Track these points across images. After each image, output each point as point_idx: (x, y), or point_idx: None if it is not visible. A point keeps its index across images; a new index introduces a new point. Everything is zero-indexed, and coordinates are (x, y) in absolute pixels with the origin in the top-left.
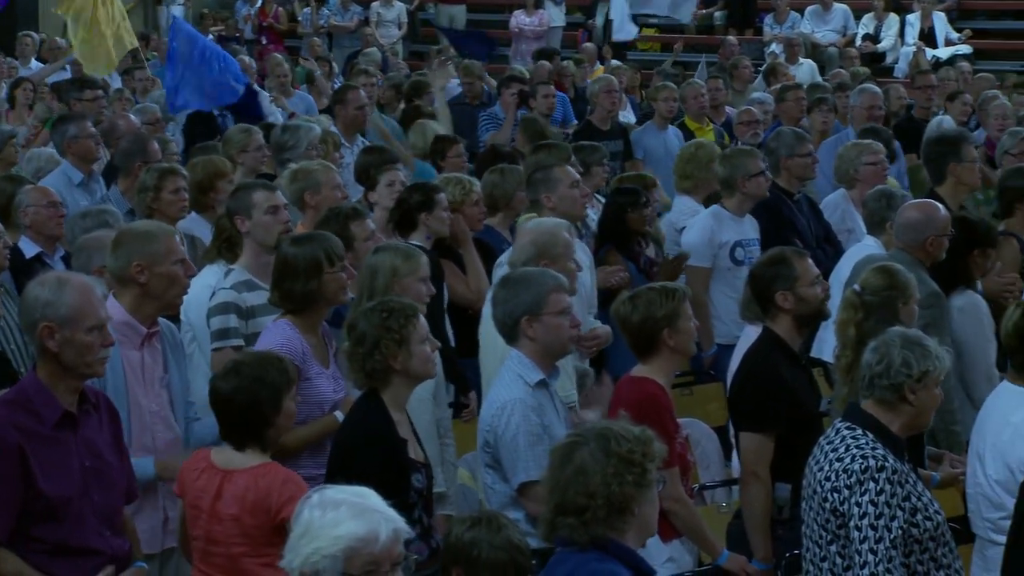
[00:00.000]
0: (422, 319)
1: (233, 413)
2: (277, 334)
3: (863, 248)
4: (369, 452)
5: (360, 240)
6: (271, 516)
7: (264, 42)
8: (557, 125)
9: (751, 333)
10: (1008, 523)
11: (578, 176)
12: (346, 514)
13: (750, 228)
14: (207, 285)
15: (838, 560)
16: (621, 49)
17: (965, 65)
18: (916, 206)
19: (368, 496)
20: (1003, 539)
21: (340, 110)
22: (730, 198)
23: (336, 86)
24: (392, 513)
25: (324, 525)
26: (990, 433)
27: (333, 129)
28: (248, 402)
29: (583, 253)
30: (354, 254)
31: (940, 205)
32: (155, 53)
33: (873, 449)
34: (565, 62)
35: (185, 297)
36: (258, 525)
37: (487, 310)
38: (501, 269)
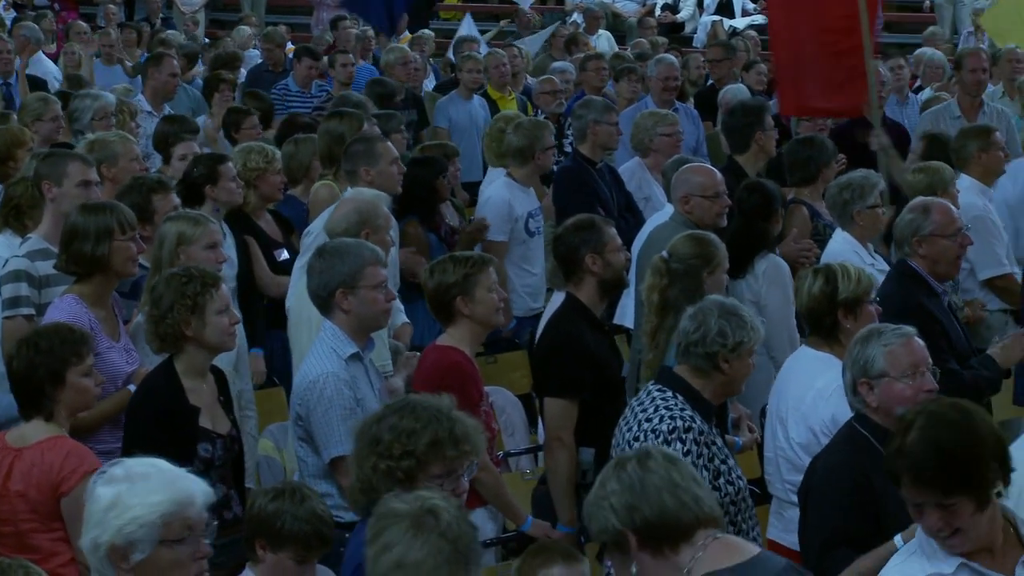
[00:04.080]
0: (223, 290)
1: (14, 380)
2: (63, 310)
3: (662, 216)
4: (155, 419)
5: (162, 214)
6: (55, 489)
7: (57, 8)
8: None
9: (559, 301)
10: None
11: (397, 153)
12: (158, 482)
13: (535, 198)
14: None
15: None
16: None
17: (753, 34)
18: (685, 168)
19: (163, 464)
20: None
21: (154, 73)
22: (521, 168)
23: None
24: (197, 478)
25: (136, 494)
26: (792, 397)
27: (141, 98)
28: (24, 370)
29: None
30: (153, 227)
31: (711, 169)
32: None
33: (682, 411)
34: (365, 28)
35: None
36: (44, 500)
37: (299, 282)
38: (309, 238)
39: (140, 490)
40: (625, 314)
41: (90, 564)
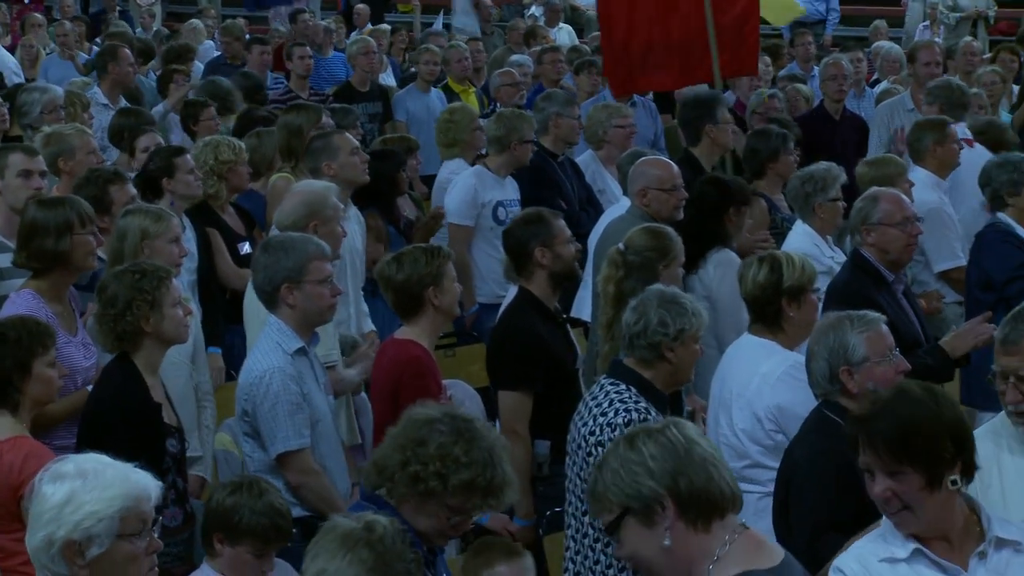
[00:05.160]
0: (175, 282)
1: None
2: (19, 305)
3: (619, 209)
4: (123, 419)
5: (119, 205)
6: (15, 491)
7: (25, 0)
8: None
9: (513, 294)
10: (752, 472)
11: (357, 143)
12: (114, 476)
13: (511, 189)
14: None
15: None
16: (382, 11)
17: None
18: (642, 161)
19: (111, 459)
20: (745, 487)
21: (112, 67)
22: (496, 157)
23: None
24: (146, 472)
25: (92, 489)
26: (736, 384)
27: (97, 91)
28: None
29: (355, 221)
30: (111, 219)
31: (667, 162)
32: None
33: (636, 403)
34: (325, 21)
35: None
36: (3, 501)
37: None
38: None
39: (96, 485)
40: (582, 307)
41: (38, 563)
